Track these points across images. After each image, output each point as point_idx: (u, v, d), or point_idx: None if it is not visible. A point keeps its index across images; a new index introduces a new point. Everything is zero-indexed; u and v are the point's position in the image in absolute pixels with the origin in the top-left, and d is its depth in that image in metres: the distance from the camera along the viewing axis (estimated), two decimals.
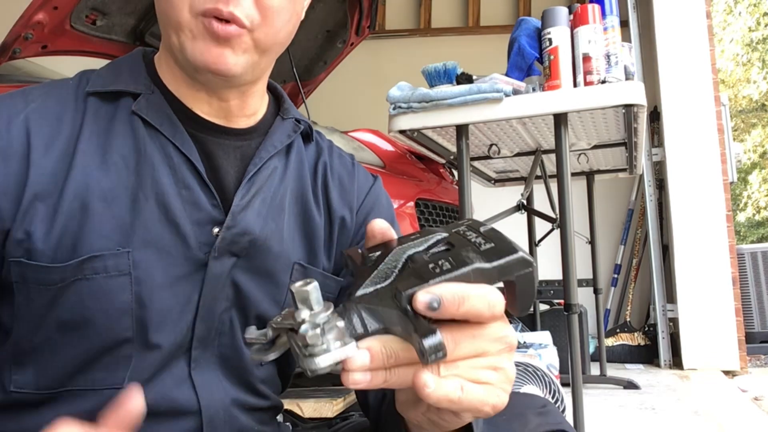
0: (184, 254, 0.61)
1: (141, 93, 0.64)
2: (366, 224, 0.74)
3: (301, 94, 2.41)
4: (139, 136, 0.62)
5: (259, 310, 0.66)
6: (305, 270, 0.69)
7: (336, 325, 0.41)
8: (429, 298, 0.39)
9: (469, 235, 0.44)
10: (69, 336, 0.58)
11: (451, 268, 0.41)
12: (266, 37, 0.61)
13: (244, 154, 0.68)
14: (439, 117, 1.64)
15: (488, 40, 4.11)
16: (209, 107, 0.66)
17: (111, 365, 0.59)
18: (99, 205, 0.59)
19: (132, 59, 0.69)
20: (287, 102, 0.75)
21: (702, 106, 3.07)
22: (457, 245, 0.44)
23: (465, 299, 0.40)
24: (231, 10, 0.58)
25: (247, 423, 0.66)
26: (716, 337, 2.95)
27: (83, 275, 0.57)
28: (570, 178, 1.59)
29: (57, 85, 0.65)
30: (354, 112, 3.74)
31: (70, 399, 0.59)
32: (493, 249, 0.42)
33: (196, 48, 0.60)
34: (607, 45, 1.60)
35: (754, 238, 12.09)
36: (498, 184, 2.68)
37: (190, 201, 0.62)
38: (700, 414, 2.08)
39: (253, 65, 0.63)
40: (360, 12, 2.31)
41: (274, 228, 0.67)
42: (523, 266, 0.41)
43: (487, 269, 0.41)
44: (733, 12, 12.15)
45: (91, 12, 1.71)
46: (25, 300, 0.58)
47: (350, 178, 0.76)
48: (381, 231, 0.49)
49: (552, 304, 2.91)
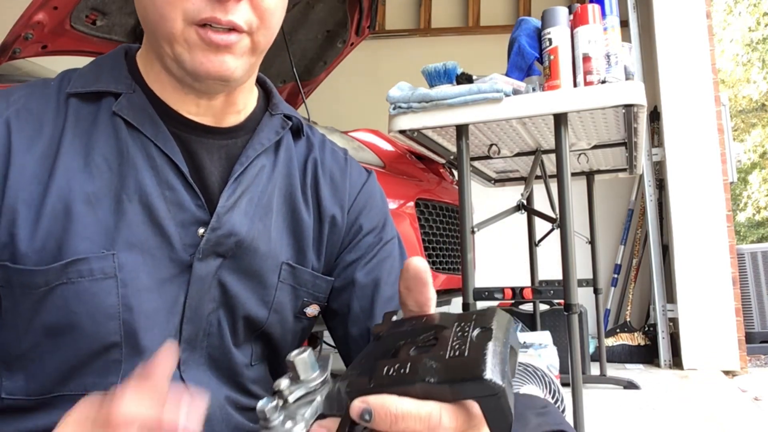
0: (168, 256, 0.61)
1: (122, 93, 0.63)
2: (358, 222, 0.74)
3: (301, 94, 2.41)
4: (122, 137, 0.62)
5: (247, 311, 0.66)
6: (294, 270, 0.69)
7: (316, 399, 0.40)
8: (361, 408, 0.38)
9: (458, 335, 0.40)
10: (57, 341, 0.58)
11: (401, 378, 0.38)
12: (264, 38, 0.61)
13: (229, 153, 0.67)
14: (439, 117, 1.64)
15: (488, 40, 4.11)
16: (197, 108, 0.65)
17: (101, 370, 0.59)
18: (82, 208, 0.58)
19: (113, 58, 0.68)
20: (276, 97, 0.74)
21: (702, 106, 3.07)
22: (437, 346, 0.40)
23: (399, 419, 0.37)
24: (230, 18, 0.57)
25: (242, 422, 0.66)
26: (716, 337, 2.94)
27: (68, 279, 0.57)
28: (570, 178, 1.58)
29: (38, 85, 0.65)
30: (354, 112, 3.74)
31: (62, 404, 0.58)
32: (461, 362, 0.37)
33: (196, 59, 0.59)
34: (607, 45, 1.60)
35: (754, 238, 12.09)
36: (498, 184, 2.68)
37: (173, 202, 0.62)
38: (700, 414, 2.08)
39: (251, 66, 0.63)
40: (360, 12, 2.31)
41: (261, 228, 0.66)
42: (483, 391, 0.36)
43: (436, 387, 0.37)
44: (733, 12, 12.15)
45: (91, 12, 1.71)
46: (11, 305, 0.58)
47: (342, 175, 0.75)
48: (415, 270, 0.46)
49: (552, 304, 2.91)
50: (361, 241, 0.73)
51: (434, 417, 0.37)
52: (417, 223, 2.02)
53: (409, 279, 0.46)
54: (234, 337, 0.66)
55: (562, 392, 1.75)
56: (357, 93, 4.08)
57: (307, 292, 0.70)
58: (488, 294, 1.73)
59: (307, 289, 0.70)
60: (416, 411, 0.37)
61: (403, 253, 0.76)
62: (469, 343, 0.38)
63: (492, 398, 0.36)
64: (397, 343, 0.43)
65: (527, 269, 2.68)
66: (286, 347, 0.71)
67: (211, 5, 0.56)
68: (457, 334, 0.40)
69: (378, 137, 2.19)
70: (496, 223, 1.78)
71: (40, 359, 0.58)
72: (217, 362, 0.65)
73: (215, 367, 0.65)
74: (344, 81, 3.54)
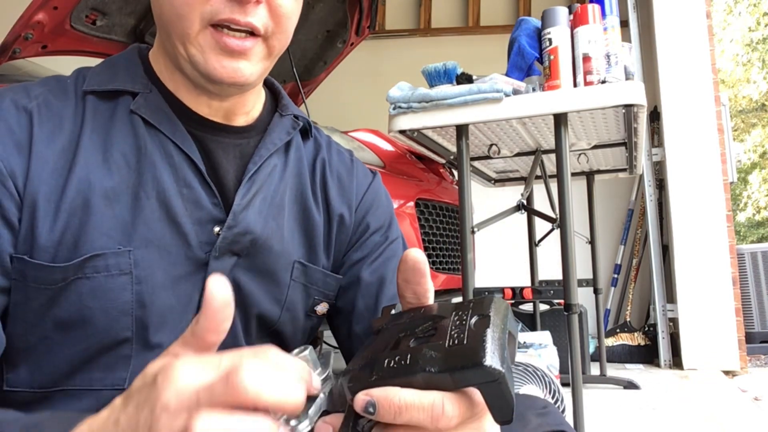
0: (185, 253, 0.61)
1: (139, 92, 0.64)
2: (365, 221, 0.74)
3: (301, 94, 2.41)
4: (140, 135, 0.62)
5: (260, 310, 0.66)
6: (305, 268, 0.69)
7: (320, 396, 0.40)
8: (365, 401, 0.38)
9: (456, 323, 0.40)
10: (66, 335, 0.58)
11: (402, 369, 0.38)
12: (279, 43, 0.62)
13: (243, 152, 0.67)
14: (439, 117, 1.64)
15: (488, 40, 4.11)
16: (209, 108, 0.66)
17: (109, 365, 0.59)
18: (101, 203, 0.59)
19: (128, 57, 0.68)
20: (285, 98, 0.75)
21: (702, 106, 3.07)
22: (436, 336, 0.40)
23: (403, 410, 0.37)
24: (249, 20, 0.57)
25: None
26: (716, 337, 2.94)
27: (84, 274, 0.57)
28: (570, 178, 1.59)
29: (56, 81, 0.65)
30: (354, 112, 3.74)
31: (66, 398, 0.59)
32: (460, 350, 0.37)
33: (210, 63, 0.59)
34: (607, 45, 1.60)
35: (754, 238, 12.09)
36: (498, 184, 2.68)
37: (190, 200, 0.62)
38: (700, 414, 2.08)
39: (265, 70, 0.63)
40: (360, 12, 2.31)
41: (274, 227, 0.67)
42: (483, 377, 0.36)
43: (437, 376, 0.37)
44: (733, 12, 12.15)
45: (91, 12, 1.70)
46: (22, 299, 0.58)
47: (349, 175, 0.76)
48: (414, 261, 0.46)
49: (552, 304, 2.91)
50: (368, 240, 0.74)
51: (437, 406, 0.37)
52: (417, 223, 2.02)
53: (407, 270, 0.46)
54: (246, 336, 0.66)
55: (562, 392, 1.75)
56: (357, 93, 4.08)
57: (318, 291, 0.71)
58: (488, 294, 1.73)
59: (318, 288, 0.71)
60: (419, 401, 0.37)
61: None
62: (468, 331, 0.39)
63: (493, 384, 0.36)
64: (396, 335, 0.43)
65: (527, 269, 2.68)
66: (296, 345, 0.71)
67: (230, 6, 0.56)
68: (456, 322, 0.40)
69: (378, 137, 2.20)
70: (496, 223, 1.78)
71: (48, 352, 0.58)
72: None
73: None
74: (344, 81, 3.54)
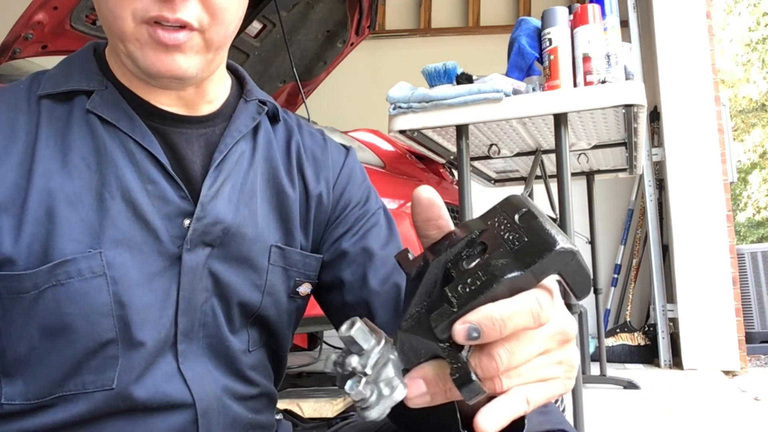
0: (156, 249, 0.61)
1: (94, 90, 0.63)
2: (343, 197, 0.74)
3: (301, 94, 2.41)
4: (98, 135, 0.61)
5: (240, 297, 0.66)
6: (283, 251, 0.69)
7: (390, 358, 0.40)
8: (467, 329, 0.37)
9: (502, 228, 0.40)
10: (53, 343, 0.58)
11: (482, 287, 0.38)
12: (217, 35, 0.60)
13: (208, 141, 0.66)
14: (439, 117, 1.64)
15: (488, 40, 4.11)
16: (168, 98, 0.65)
17: (98, 367, 0.59)
18: (65, 209, 0.58)
19: (82, 56, 0.67)
20: (250, 83, 0.74)
21: (702, 106, 3.07)
22: (491, 246, 0.39)
23: (506, 321, 0.37)
24: (178, 16, 0.56)
25: (240, 412, 0.66)
26: (716, 337, 2.95)
27: (57, 281, 0.57)
28: (570, 178, 1.59)
29: (8, 90, 0.64)
30: (354, 112, 3.74)
31: (62, 405, 0.58)
32: (527, 246, 0.38)
33: (146, 57, 0.58)
34: (607, 45, 1.60)
35: (754, 238, 12.10)
36: (498, 184, 2.68)
37: (156, 195, 0.61)
38: (700, 414, 2.08)
39: (207, 63, 0.62)
40: (360, 12, 2.31)
41: (246, 213, 0.66)
42: (562, 259, 0.37)
43: (521, 277, 0.37)
44: (733, 12, 12.16)
45: (91, 12, 1.70)
46: (2, 312, 0.58)
47: (323, 154, 0.76)
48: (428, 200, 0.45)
49: None
50: (348, 215, 0.74)
51: (533, 303, 0.37)
52: None
53: (424, 210, 0.45)
54: (230, 325, 0.66)
55: None
56: (357, 93, 4.08)
57: (298, 272, 0.71)
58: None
59: (298, 269, 0.71)
60: (516, 307, 0.37)
61: (390, 221, 0.77)
62: (521, 229, 0.39)
63: (572, 262, 0.37)
64: (443, 268, 0.42)
65: None
66: (282, 329, 0.71)
67: (159, 4, 0.56)
68: (500, 228, 0.40)
69: (378, 137, 2.19)
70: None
71: (38, 362, 0.58)
72: (215, 351, 0.65)
73: (213, 356, 0.65)
74: (344, 81, 3.55)
